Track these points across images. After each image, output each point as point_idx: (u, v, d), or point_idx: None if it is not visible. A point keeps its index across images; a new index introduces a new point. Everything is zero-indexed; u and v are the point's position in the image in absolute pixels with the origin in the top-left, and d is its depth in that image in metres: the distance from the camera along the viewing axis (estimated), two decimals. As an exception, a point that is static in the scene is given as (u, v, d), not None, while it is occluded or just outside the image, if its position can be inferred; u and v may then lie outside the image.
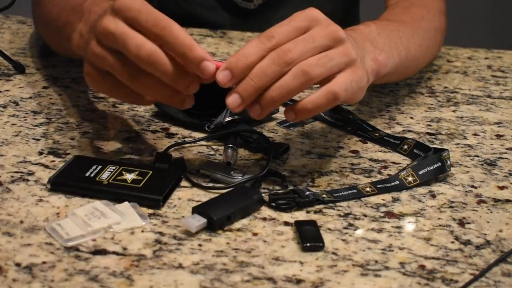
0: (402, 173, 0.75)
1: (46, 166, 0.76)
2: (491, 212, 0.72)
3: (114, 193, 0.70)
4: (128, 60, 0.69)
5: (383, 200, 0.73)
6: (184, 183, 0.74)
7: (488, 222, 0.71)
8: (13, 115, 0.87)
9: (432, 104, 0.96)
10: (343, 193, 0.73)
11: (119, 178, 0.72)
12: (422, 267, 0.64)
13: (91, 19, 0.77)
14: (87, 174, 0.72)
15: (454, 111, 0.95)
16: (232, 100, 0.68)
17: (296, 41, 0.69)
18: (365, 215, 0.70)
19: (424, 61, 0.99)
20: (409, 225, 0.70)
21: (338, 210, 0.71)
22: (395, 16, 0.96)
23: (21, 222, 0.66)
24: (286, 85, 0.68)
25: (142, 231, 0.66)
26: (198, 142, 0.82)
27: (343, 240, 0.67)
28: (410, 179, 0.75)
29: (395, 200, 0.73)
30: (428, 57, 1.00)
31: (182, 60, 0.68)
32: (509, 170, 0.80)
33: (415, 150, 0.81)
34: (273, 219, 0.69)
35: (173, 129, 0.86)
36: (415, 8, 1.00)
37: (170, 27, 0.68)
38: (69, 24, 0.85)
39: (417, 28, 0.95)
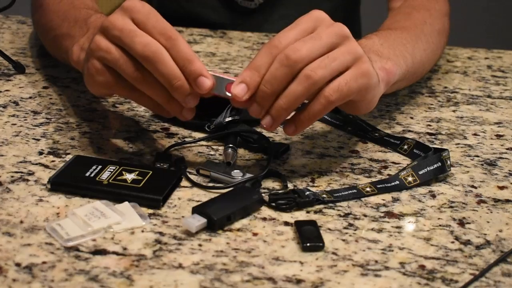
0: (402, 173, 0.75)
1: (46, 166, 0.76)
2: (491, 212, 0.72)
3: (114, 193, 0.70)
4: (131, 56, 0.70)
5: (383, 200, 0.73)
6: (184, 183, 0.74)
7: (488, 222, 0.71)
8: (13, 115, 0.87)
9: (432, 104, 0.96)
10: (343, 193, 0.73)
11: (119, 178, 0.72)
12: (422, 267, 0.64)
13: None
14: (87, 174, 0.72)
15: (454, 111, 0.95)
16: (253, 109, 0.70)
17: (303, 40, 0.70)
18: (365, 215, 0.70)
19: (430, 65, 0.99)
20: (409, 225, 0.70)
21: (338, 210, 0.71)
22: (396, 23, 0.95)
23: (21, 222, 0.66)
24: (292, 92, 0.69)
25: (142, 231, 0.66)
26: (198, 142, 0.82)
27: (343, 240, 0.67)
28: (410, 179, 0.75)
29: (395, 200, 0.73)
30: (434, 60, 1.00)
31: (181, 71, 0.69)
32: (509, 170, 0.80)
33: (415, 150, 0.81)
34: (273, 219, 0.69)
35: (173, 129, 0.86)
36: (416, 13, 0.99)
37: (176, 38, 0.69)
38: (70, 36, 0.85)
39: (420, 33, 0.94)
